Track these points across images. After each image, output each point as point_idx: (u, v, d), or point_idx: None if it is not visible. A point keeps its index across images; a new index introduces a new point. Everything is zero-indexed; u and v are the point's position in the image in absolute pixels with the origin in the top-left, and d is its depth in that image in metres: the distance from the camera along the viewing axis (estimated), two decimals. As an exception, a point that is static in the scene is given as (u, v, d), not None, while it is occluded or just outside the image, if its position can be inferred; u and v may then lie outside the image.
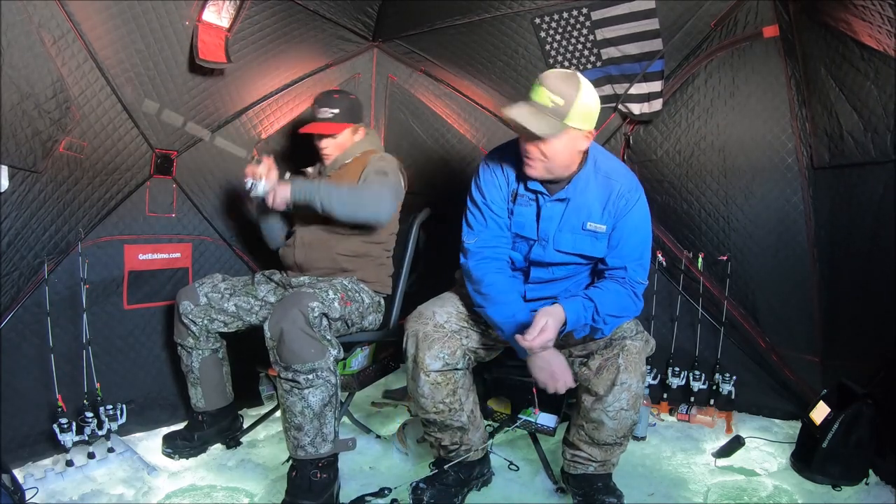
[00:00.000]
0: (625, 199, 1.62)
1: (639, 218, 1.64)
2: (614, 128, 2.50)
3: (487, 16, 2.33)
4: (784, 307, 2.28)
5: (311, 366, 1.67)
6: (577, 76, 1.50)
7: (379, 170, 2.03)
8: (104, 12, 1.74)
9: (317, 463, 1.71)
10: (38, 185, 1.75)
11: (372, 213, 1.92)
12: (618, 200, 1.62)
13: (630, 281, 1.62)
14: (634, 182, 1.66)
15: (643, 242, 1.66)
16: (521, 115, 1.47)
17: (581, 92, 1.48)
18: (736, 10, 2.12)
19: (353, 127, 2.12)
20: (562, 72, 1.51)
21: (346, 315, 1.88)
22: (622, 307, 1.60)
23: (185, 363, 2.10)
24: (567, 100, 1.46)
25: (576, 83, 1.48)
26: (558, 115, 1.47)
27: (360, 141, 2.15)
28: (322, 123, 2.07)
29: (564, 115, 1.47)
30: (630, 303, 1.61)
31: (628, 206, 1.62)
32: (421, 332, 1.67)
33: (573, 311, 1.52)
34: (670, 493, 1.86)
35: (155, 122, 2.06)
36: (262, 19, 2.15)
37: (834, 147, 1.96)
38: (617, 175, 1.64)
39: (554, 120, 1.47)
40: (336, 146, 2.12)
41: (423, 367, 1.64)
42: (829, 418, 1.86)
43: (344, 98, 2.10)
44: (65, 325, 2.00)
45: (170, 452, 2.06)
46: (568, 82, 1.48)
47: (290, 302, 1.72)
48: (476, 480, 1.83)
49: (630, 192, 1.63)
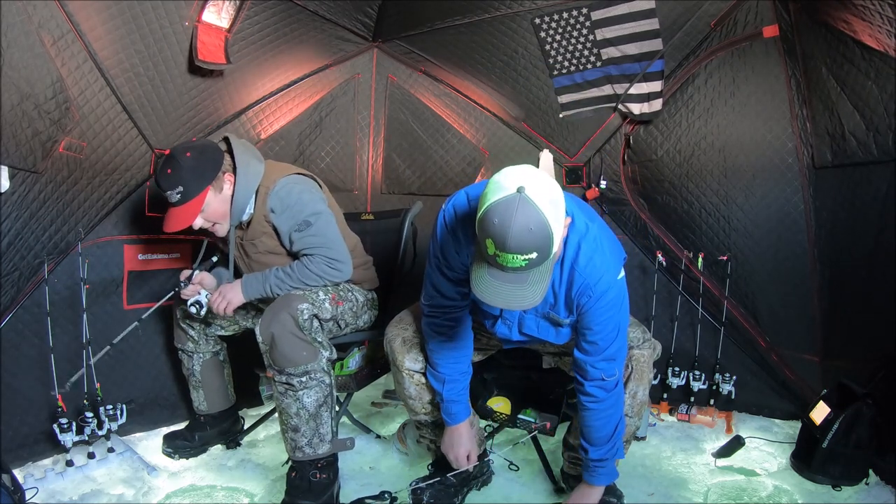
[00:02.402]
0: (586, 295, 1.41)
1: (604, 314, 1.42)
2: (614, 128, 2.50)
3: (487, 16, 2.33)
4: (784, 307, 2.28)
5: (303, 368, 1.67)
6: (527, 200, 1.10)
7: (300, 223, 1.79)
8: (104, 12, 1.74)
9: (316, 463, 1.71)
10: (38, 185, 1.75)
11: (334, 277, 1.81)
12: (579, 297, 1.42)
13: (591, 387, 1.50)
14: (599, 274, 1.38)
15: (610, 337, 1.46)
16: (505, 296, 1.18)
17: (546, 218, 1.11)
18: (736, 10, 2.12)
19: (212, 187, 1.74)
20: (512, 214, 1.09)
21: (338, 315, 1.86)
22: (603, 431, 1.53)
23: (186, 367, 2.09)
24: (541, 244, 1.12)
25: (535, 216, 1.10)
26: (540, 262, 1.15)
27: (238, 188, 1.77)
28: (177, 209, 1.73)
29: (546, 255, 1.15)
30: (601, 419, 1.52)
31: (591, 303, 1.41)
32: (400, 338, 1.68)
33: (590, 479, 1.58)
34: (670, 493, 1.86)
35: (154, 121, 2.06)
36: (262, 19, 2.15)
37: (836, 146, 1.96)
38: (583, 265, 1.38)
39: (539, 274, 1.18)
40: (215, 216, 1.78)
41: (403, 370, 1.66)
42: (829, 418, 1.86)
43: (179, 167, 1.69)
44: (65, 325, 2.01)
45: (170, 452, 2.06)
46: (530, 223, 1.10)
47: (279, 305, 1.70)
48: (476, 480, 1.83)
49: (594, 288, 1.39)
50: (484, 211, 1.12)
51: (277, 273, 1.80)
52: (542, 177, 1.17)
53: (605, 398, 1.50)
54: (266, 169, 1.83)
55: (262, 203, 1.80)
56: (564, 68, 2.40)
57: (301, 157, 2.67)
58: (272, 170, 1.85)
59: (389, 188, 2.98)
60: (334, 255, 1.81)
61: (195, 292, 1.85)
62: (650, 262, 2.52)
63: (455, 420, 1.67)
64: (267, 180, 1.80)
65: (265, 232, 1.85)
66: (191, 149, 1.74)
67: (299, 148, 2.65)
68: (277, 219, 1.81)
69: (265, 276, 1.81)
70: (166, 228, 1.74)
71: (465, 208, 1.43)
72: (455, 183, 2.84)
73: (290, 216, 1.80)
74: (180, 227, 1.73)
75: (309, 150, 2.69)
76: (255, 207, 1.82)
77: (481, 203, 1.15)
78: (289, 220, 1.80)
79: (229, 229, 1.85)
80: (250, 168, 1.79)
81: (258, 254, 1.90)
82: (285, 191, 1.79)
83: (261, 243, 1.87)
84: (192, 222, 1.74)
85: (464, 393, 1.67)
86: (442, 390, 1.63)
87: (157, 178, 1.73)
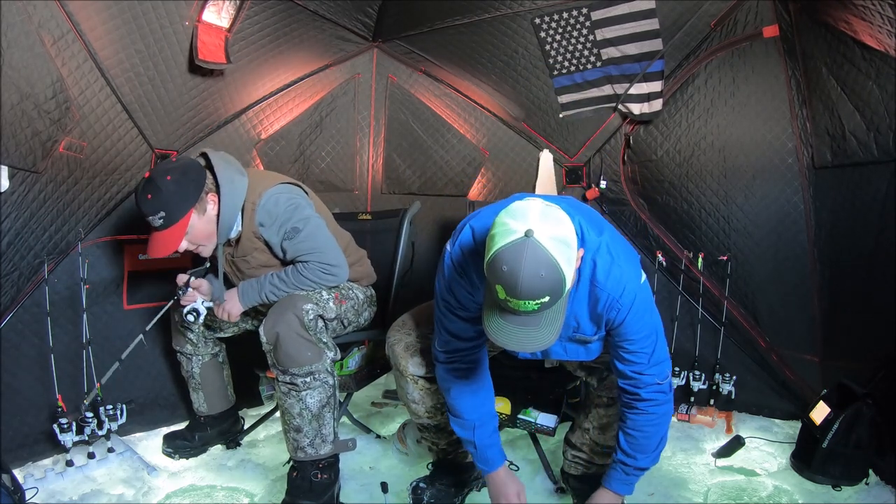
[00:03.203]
0: (615, 310, 1.35)
1: (638, 322, 1.37)
2: (614, 128, 2.50)
3: (487, 16, 2.33)
4: (784, 307, 2.28)
5: (308, 369, 1.67)
6: (536, 245, 1.06)
7: (288, 231, 1.76)
8: (104, 12, 1.74)
9: (317, 464, 1.71)
10: (38, 185, 1.75)
11: (330, 282, 1.79)
12: (607, 312, 1.37)
13: (648, 395, 1.44)
14: (622, 285, 1.33)
15: (650, 342, 1.41)
16: (519, 340, 1.16)
17: (557, 261, 1.07)
18: (736, 10, 2.12)
19: (195, 210, 1.68)
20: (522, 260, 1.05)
21: (341, 314, 1.86)
22: (657, 436, 1.48)
23: (185, 369, 2.09)
24: (553, 287, 1.08)
25: (545, 260, 1.06)
26: (552, 304, 1.12)
27: (223, 207, 1.72)
28: (161, 233, 1.66)
29: (558, 297, 1.11)
30: (660, 421, 1.47)
31: (621, 316, 1.36)
32: (403, 342, 1.67)
33: (622, 488, 1.52)
34: (670, 493, 1.86)
35: (155, 121, 2.06)
36: (262, 19, 2.15)
37: (836, 147, 1.96)
38: (603, 279, 1.33)
39: (552, 314, 1.15)
40: (200, 237, 1.73)
41: (407, 376, 1.65)
42: (829, 418, 1.86)
43: (159, 191, 1.62)
44: (65, 325, 2.01)
45: (170, 452, 2.06)
46: (541, 269, 1.06)
47: (284, 305, 1.70)
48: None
49: (620, 301, 1.34)
50: (492, 257, 1.08)
51: (273, 280, 1.77)
52: (551, 213, 1.12)
53: (666, 401, 1.45)
54: (250, 181, 1.77)
55: (249, 219, 1.76)
56: (564, 68, 2.40)
57: (301, 157, 2.67)
58: (256, 182, 1.78)
59: (389, 188, 2.98)
60: (329, 259, 1.78)
61: (193, 298, 1.83)
62: (650, 262, 2.52)
63: (493, 466, 1.57)
64: (252, 194, 1.75)
65: (256, 248, 1.83)
66: (171, 171, 1.66)
67: (299, 148, 2.65)
68: (267, 231, 1.78)
69: (260, 283, 1.79)
70: (151, 254, 1.68)
71: (471, 246, 1.37)
72: (455, 183, 2.84)
73: (278, 226, 1.76)
74: (165, 252, 1.68)
75: (309, 150, 2.69)
76: (243, 224, 1.78)
77: (489, 246, 1.11)
78: (278, 230, 1.77)
79: (216, 247, 1.80)
80: (235, 185, 1.73)
81: (251, 269, 1.88)
82: (272, 202, 1.75)
83: (253, 259, 1.85)
84: (177, 247, 1.69)
85: (495, 435, 1.57)
86: (473, 438, 1.54)
87: (138, 203, 1.64)
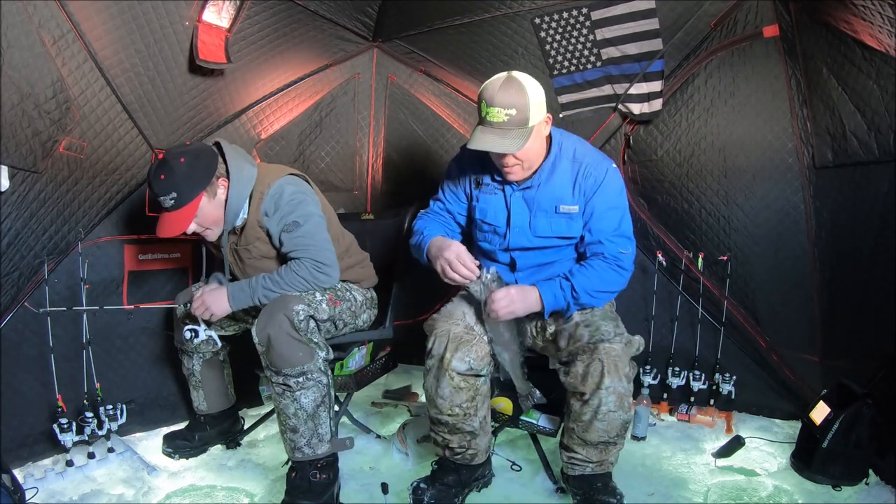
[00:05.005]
0: (592, 176, 1.66)
1: (610, 191, 1.67)
2: (614, 128, 2.50)
3: (487, 16, 2.33)
4: (784, 307, 2.28)
5: (300, 369, 1.67)
6: (514, 76, 1.55)
7: (289, 224, 1.77)
8: (104, 12, 1.74)
9: (316, 464, 1.71)
10: (38, 185, 1.76)
11: (322, 282, 1.77)
12: (585, 179, 1.66)
13: (610, 254, 1.66)
14: (598, 157, 1.70)
15: (618, 213, 1.68)
16: (489, 143, 1.54)
17: (527, 90, 1.54)
18: (736, 10, 2.12)
19: (206, 193, 1.72)
20: (500, 81, 1.54)
21: (335, 315, 1.85)
22: (604, 281, 1.65)
23: (186, 367, 2.09)
24: (519, 105, 1.52)
25: (518, 85, 1.53)
26: (520, 123, 1.53)
27: (232, 193, 1.76)
28: (171, 214, 1.70)
29: (525, 119, 1.53)
30: (613, 275, 1.66)
31: (597, 183, 1.66)
32: (452, 333, 1.65)
33: (550, 293, 1.62)
34: (670, 493, 1.86)
35: (155, 121, 2.06)
36: (262, 19, 2.15)
37: (837, 146, 1.96)
38: (581, 154, 1.69)
39: (518, 129, 1.54)
40: (209, 221, 1.77)
41: (447, 369, 1.63)
42: (829, 418, 1.86)
43: (173, 172, 1.66)
44: (65, 325, 2.00)
45: (170, 452, 2.06)
46: (512, 89, 1.53)
47: (275, 306, 1.69)
48: (477, 482, 1.83)
49: (596, 168, 1.66)
50: (483, 85, 1.57)
51: (265, 282, 1.75)
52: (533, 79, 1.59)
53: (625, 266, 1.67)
54: (259, 172, 1.81)
55: (255, 208, 1.79)
56: (564, 68, 2.40)
57: (301, 157, 2.67)
58: (265, 173, 1.82)
59: (390, 188, 2.98)
60: (322, 258, 1.77)
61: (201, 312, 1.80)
62: (650, 262, 2.52)
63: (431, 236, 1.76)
64: (261, 185, 1.79)
65: (258, 237, 1.84)
66: (185, 153, 1.70)
67: (299, 148, 2.65)
68: (269, 221, 1.79)
69: (252, 286, 1.76)
70: (160, 234, 1.73)
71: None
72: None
73: (280, 216, 1.78)
74: (174, 232, 1.72)
75: (309, 150, 2.69)
76: (249, 212, 1.80)
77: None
78: (280, 220, 1.78)
79: (222, 234, 1.83)
80: (244, 173, 1.78)
81: (252, 259, 1.88)
82: (279, 192, 1.78)
83: (255, 248, 1.86)
84: (185, 228, 1.73)
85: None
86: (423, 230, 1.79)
87: (151, 183, 1.70)
